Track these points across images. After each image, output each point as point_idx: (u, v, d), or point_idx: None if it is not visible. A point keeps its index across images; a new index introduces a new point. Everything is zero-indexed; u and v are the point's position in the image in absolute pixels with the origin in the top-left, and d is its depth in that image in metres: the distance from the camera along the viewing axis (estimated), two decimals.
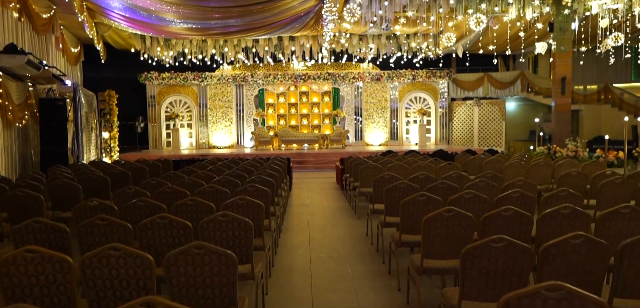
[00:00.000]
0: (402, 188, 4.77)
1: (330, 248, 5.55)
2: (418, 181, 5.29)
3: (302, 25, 13.84)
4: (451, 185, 4.72)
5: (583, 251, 2.48)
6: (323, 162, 14.69)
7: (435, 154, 10.40)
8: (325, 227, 6.63)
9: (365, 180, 7.10)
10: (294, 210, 7.90)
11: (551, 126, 13.16)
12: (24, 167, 9.98)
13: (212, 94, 17.76)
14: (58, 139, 9.86)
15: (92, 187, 6.05)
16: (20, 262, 2.35)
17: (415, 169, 6.97)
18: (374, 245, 5.54)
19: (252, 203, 3.95)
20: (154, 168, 8.02)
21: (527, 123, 19.78)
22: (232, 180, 5.41)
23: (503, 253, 2.50)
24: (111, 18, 13.08)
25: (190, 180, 5.45)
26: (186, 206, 3.87)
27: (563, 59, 11.49)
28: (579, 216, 3.28)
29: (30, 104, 9.74)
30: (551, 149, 10.07)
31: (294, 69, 17.95)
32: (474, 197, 3.99)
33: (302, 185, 11.08)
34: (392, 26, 13.05)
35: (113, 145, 11.82)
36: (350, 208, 8.03)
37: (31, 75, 9.31)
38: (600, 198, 4.98)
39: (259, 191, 4.66)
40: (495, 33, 13.30)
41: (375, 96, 18.18)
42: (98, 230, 3.16)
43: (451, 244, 3.37)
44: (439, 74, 18.12)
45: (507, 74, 19.10)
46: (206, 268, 2.46)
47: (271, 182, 5.48)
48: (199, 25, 12.78)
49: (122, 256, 2.40)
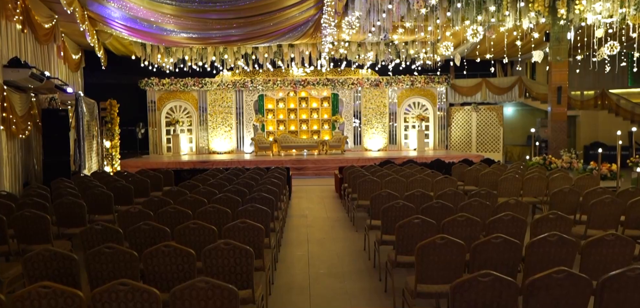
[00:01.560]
0: (398, 208, 4.91)
1: (329, 264, 5.70)
2: (414, 200, 5.43)
3: (301, 34, 13.99)
4: (446, 205, 4.87)
5: (566, 285, 2.62)
6: (322, 168, 14.84)
7: (433, 164, 10.55)
8: (324, 240, 6.77)
9: (363, 193, 7.24)
10: (294, 222, 8.04)
11: (548, 131, 13.36)
12: (27, 177, 10.12)
13: (212, 100, 17.90)
14: (61, 149, 9.99)
15: (96, 203, 6.19)
16: (34, 297, 2.49)
17: (412, 184, 7.12)
18: (371, 261, 5.69)
19: (252, 227, 4.09)
20: (156, 180, 8.16)
21: (524, 128, 19.95)
22: (233, 198, 5.55)
23: (490, 287, 2.65)
24: (112, 27, 13.21)
25: (192, 198, 5.58)
26: (190, 229, 4.01)
27: (559, 68, 11.64)
28: (565, 244, 3.43)
29: (32, 115, 9.87)
30: (546, 159, 10.24)
31: (293, 75, 18.10)
32: (467, 220, 4.14)
33: (302, 193, 11.23)
34: (390, 35, 13.19)
35: (114, 154, 11.95)
36: (348, 219, 8.18)
37: (34, 86, 9.45)
38: (590, 216, 5.13)
39: (259, 212, 4.80)
40: (492, 41, 13.45)
41: (374, 101, 18.34)
42: (105, 258, 3.29)
43: (444, 269, 3.51)
44: (438, 80, 18.28)
45: (505, 79, 19.27)
46: (210, 301, 2.61)
47: (271, 199, 5.62)
48: (199, 35, 12.92)
49: (130, 291, 2.56)
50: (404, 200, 5.19)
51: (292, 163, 14.94)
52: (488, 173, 8.14)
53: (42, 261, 3.25)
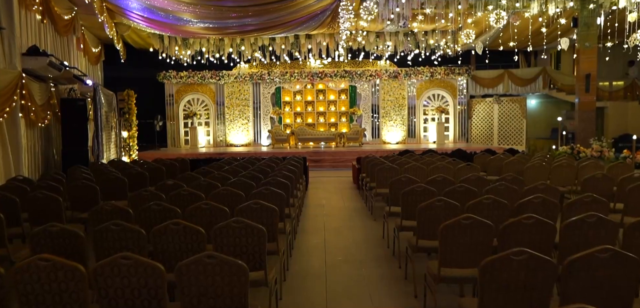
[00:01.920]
0: (418, 192, 4.67)
1: (346, 251, 5.49)
2: (435, 184, 5.17)
3: (318, 23, 13.78)
4: (470, 189, 4.60)
5: (610, 265, 2.36)
6: (340, 161, 14.62)
7: (454, 154, 10.21)
8: (341, 229, 6.57)
9: (382, 181, 7.00)
10: (310, 211, 7.86)
11: (574, 123, 12.80)
12: (47, 167, 10.21)
13: (229, 93, 17.86)
14: (79, 139, 10.04)
15: (110, 188, 6.13)
16: (33, 270, 2.39)
17: (433, 171, 6.84)
18: (390, 248, 5.46)
19: (266, 208, 3.91)
20: (171, 168, 8.09)
21: (548, 121, 19.27)
22: (247, 182, 5.40)
23: (524, 267, 2.40)
24: (130, 18, 13.26)
25: (206, 182, 5.46)
26: (201, 210, 3.86)
27: (587, 55, 11.11)
28: (605, 226, 3.14)
29: (52, 105, 9.94)
30: (574, 148, 9.77)
31: (311, 67, 17.90)
32: (494, 202, 3.87)
33: (319, 184, 11.04)
34: (409, 23, 12.85)
35: (132, 144, 11.98)
36: (366, 208, 7.95)
37: (53, 76, 9.51)
38: (627, 203, 4.78)
39: (274, 195, 4.63)
40: (515, 29, 12.97)
41: (392, 93, 17.99)
42: (112, 235, 3.17)
43: (470, 252, 3.27)
44: (458, 71, 17.81)
45: (528, 70, 18.63)
46: (217, 278, 2.44)
47: (286, 184, 5.44)
48: (216, 25, 12.84)
49: (133, 266, 2.40)
50: (425, 184, 4.93)
51: (309, 154, 14.75)
52: (513, 161, 7.79)
53: (49, 238, 3.14)
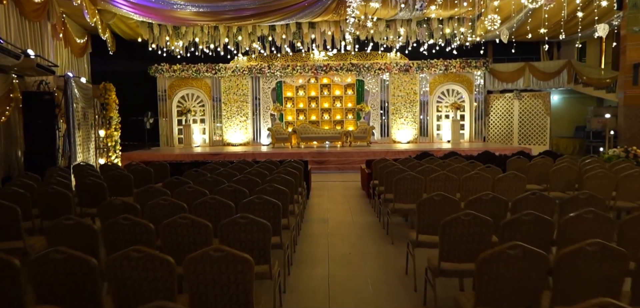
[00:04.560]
0: (466, 222, 3.22)
1: (357, 297, 4.06)
2: (484, 207, 3.72)
3: (322, 9, 12.32)
4: (543, 219, 3.14)
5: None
6: (346, 162, 13.19)
7: (480, 156, 8.75)
8: (351, 258, 5.13)
9: (402, 194, 5.57)
10: (311, 229, 6.44)
11: (603, 121, 11.30)
12: (9, 169, 8.87)
13: (226, 87, 16.44)
14: (45, 138, 8.68)
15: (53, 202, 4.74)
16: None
17: (468, 183, 5.39)
18: (418, 293, 4.02)
19: (238, 254, 2.48)
20: (144, 174, 6.68)
21: (572, 118, 17.74)
22: (225, 201, 3.97)
23: None
24: (113, 3, 11.88)
25: (167, 202, 4.03)
26: None
27: (636, 41, 9.57)
28: None
29: (13, 98, 8.59)
30: (629, 152, 8.27)
31: (315, 60, 16.45)
32: (603, 250, 2.42)
33: (323, 191, 9.62)
34: (426, 8, 11.35)
35: (110, 144, 10.59)
36: (380, 225, 6.52)
37: (11, 65, 8.14)
38: None
39: (253, 226, 3.19)
40: (546, 14, 11.45)
41: (403, 88, 16.49)
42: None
43: None
44: (475, 64, 16.26)
45: (552, 63, 17.04)
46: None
47: (276, 204, 4.00)
48: (208, 8, 11.43)
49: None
50: (472, 208, 3.47)
51: (312, 156, 13.34)
52: (561, 169, 6.31)
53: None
